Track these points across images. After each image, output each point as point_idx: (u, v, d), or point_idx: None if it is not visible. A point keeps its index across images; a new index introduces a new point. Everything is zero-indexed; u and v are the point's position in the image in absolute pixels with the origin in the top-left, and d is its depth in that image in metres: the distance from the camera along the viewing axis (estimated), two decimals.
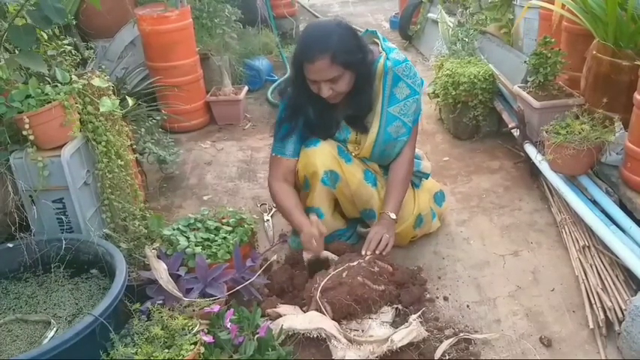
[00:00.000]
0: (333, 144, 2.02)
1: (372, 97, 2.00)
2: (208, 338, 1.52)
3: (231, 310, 1.63)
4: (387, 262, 1.92)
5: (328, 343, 1.64)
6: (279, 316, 1.75)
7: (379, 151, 2.07)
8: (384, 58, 1.98)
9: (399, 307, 1.81)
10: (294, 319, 1.70)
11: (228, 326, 1.57)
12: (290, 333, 1.67)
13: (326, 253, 1.98)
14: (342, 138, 2.06)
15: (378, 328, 1.71)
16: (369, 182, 2.05)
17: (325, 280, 1.77)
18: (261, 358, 1.56)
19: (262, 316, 1.72)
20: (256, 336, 1.58)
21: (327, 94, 1.87)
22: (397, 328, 1.71)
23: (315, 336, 1.65)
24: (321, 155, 1.98)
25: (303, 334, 1.66)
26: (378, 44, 2.05)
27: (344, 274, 1.78)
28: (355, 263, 1.82)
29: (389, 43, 2.07)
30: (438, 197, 2.31)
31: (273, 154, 2.06)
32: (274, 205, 2.20)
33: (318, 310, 1.73)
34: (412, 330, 1.67)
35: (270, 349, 1.57)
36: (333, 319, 1.72)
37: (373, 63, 1.97)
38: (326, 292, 1.74)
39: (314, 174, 1.98)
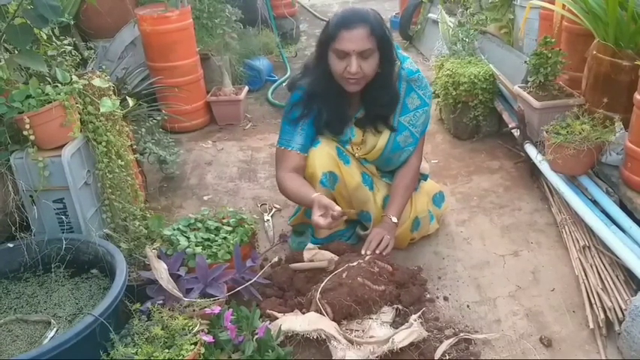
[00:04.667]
0: (332, 145, 2.02)
1: (396, 95, 2.00)
2: (208, 338, 1.52)
3: (230, 310, 1.64)
4: (387, 262, 1.92)
5: (328, 343, 1.64)
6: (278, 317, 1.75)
7: (385, 158, 2.09)
8: (399, 67, 1.99)
9: (399, 307, 1.81)
10: (293, 320, 1.70)
11: (227, 326, 1.57)
12: (289, 334, 1.67)
13: (326, 253, 1.98)
14: (347, 138, 2.06)
15: (379, 328, 1.71)
16: (367, 185, 2.06)
17: (325, 281, 1.78)
18: (260, 358, 1.56)
19: (261, 316, 1.72)
20: (255, 337, 1.59)
21: (356, 70, 1.84)
22: (397, 328, 1.71)
23: (314, 337, 1.65)
24: (320, 157, 1.98)
25: (303, 335, 1.66)
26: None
27: (344, 275, 1.78)
28: (355, 264, 1.82)
29: (402, 52, 2.08)
30: (437, 199, 2.31)
31: (280, 147, 2.03)
32: (286, 195, 2.05)
33: (318, 311, 1.73)
34: (413, 331, 1.66)
35: (269, 350, 1.58)
36: (333, 320, 1.72)
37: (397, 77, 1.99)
38: (326, 293, 1.74)
39: (313, 175, 1.98)
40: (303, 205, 2.03)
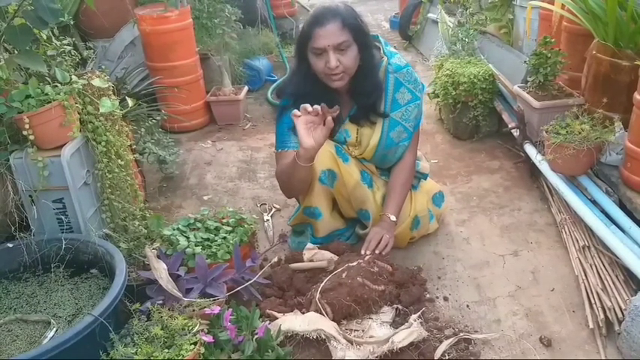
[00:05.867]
0: (331, 143, 2.02)
1: (379, 83, 2.00)
2: (208, 338, 1.52)
3: (230, 310, 1.64)
4: (387, 262, 1.92)
5: (328, 343, 1.64)
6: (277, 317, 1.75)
7: (380, 156, 2.08)
8: (386, 62, 2.00)
9: (399, 307, 1.81)
10: (293, 320, 1.70)
11: (227, 326, 1.57)
12: (289, 334, 1.67)
13: (326, 253, 1.98)
14: (343, 139, 2.07)
15: (379, 328, 1.71)
16: (366, 183, 2.06)
17: (325, 281, 1.77)
18: (260, 358, 1.56)
19: (261, 316, 1.72)
20: (255, 337, 1.58)
21: (335, 65, 1.86)
22: (397, 327, 1.71)
23: (314, 337, 1.65)
24: (319, 154, 1.98)
25: (303, 335, 1.66)
26: (379, 49, 2.05)
27: (343, 275, 1.78)
28: (355, 264, 1.82)
29: (390, 48, 2.08)
30: (437, 198, 2.31)
31: (278, 151, 2.05)
32: (282, 182, 2.04)
33: (318, 311, 1.73)
34: (413, 331, 1.66)
35: (269, 350, 1.57)
36: (333, 319, 1.72)
37: (377, 64, 1.98)
38: (325, 293, 1.74)
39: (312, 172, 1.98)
40: (293, 169, 1.88)
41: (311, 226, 2.14)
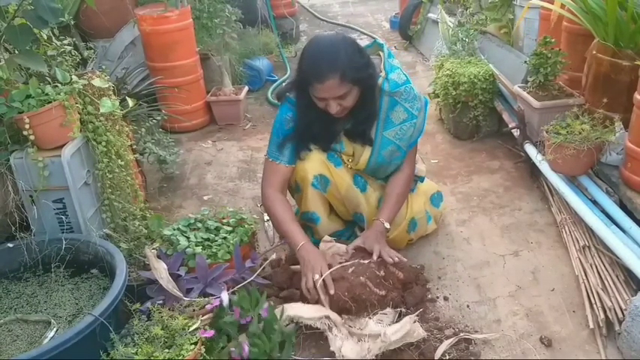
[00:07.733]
0: (323, 152, 2.01)
1: (374, 113, 1.97)
2: (208, 334, 1.52)
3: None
4: (399, 268, 1.88)
5: (328, 333, 1.66)
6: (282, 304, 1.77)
7: (372, 169, 2.07)
8: (383, 78, 1.94)
9: (403, 309, 1.81)
10: (300, 307, 1.71)
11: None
12: (295, 321, 1.68)
13: (342, 246, 1.96)
14: (338, 150, 2.05)
15: (374, 325, 1.71)
16: (358, 187, 2.04)
17: (330, 270, 1.78)
18: (265, 335, 1.57)
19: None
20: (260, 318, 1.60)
21: (336, 110, 1.84)
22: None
23: (317, 327, 1.66)
24: (310, 160, 1.98)
25: (304, 325, 1.67)
26: (380, 60, 1.99)
27: (349, 270, 1.79)
28: (366, 262, 1.82)
29: (393, 61, 2.01)
30: (435, 199, 2.30)
31: (269, 159, 2.01)
32: (266, 212, 2.10)
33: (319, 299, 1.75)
34: (405, 323, 1.66)
35: (273, 330, 1.58)
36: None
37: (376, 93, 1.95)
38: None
39: (304, 178, 1.98)
40: (283, 238, 2.00)
41: (311, 227, 2.14)
